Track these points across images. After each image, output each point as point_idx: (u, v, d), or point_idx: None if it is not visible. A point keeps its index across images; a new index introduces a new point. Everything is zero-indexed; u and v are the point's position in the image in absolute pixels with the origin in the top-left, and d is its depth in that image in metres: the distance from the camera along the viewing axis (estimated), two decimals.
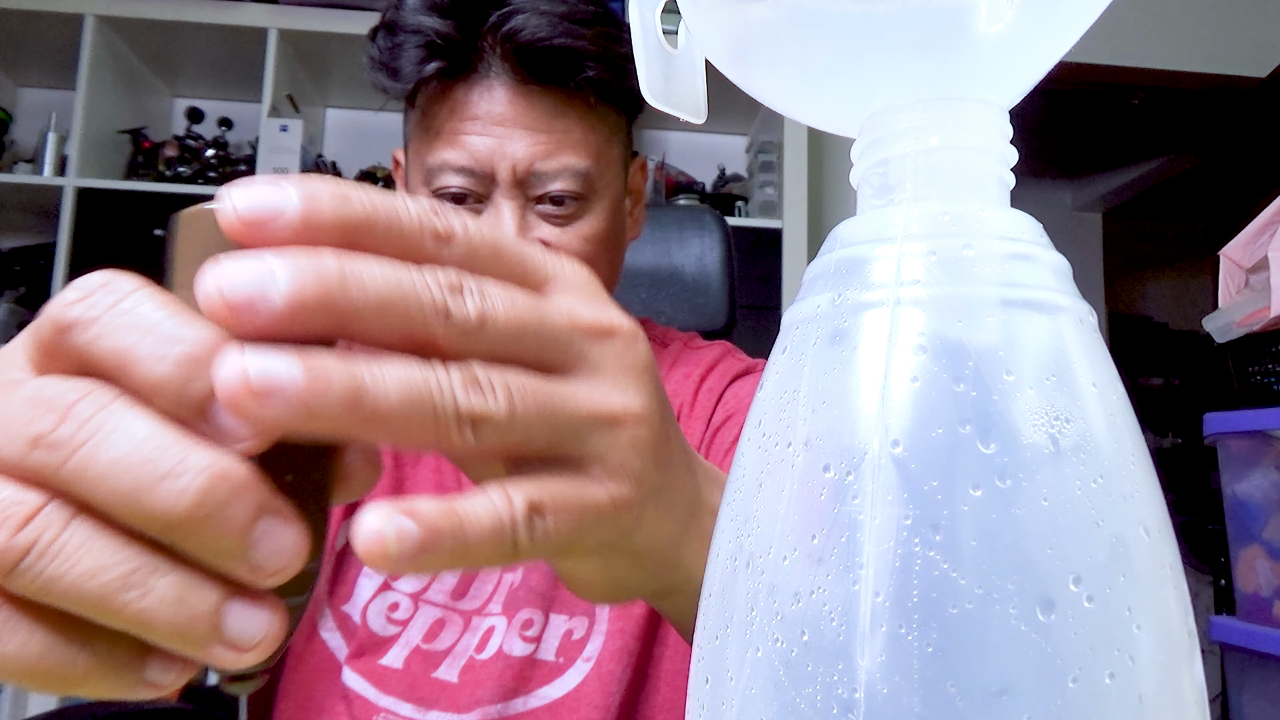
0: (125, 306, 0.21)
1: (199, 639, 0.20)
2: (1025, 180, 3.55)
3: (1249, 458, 1.14)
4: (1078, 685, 0.18)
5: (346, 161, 2.37)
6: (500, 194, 0.66)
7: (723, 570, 0.22)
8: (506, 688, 0.66)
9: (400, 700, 0.66)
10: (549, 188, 0.66)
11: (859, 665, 0.19)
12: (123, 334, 0.21)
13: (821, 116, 0.27)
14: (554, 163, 0.66)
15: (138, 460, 0.20)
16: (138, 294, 0.21)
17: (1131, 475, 0.20)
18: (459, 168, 0.65)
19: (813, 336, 0.22)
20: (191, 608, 0.20)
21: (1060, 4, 0.23)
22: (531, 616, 0.68)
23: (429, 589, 0.69)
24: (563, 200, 0.67)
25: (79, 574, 0.20)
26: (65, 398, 0.20)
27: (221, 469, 0.20)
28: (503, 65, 0.66)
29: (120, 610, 0.20)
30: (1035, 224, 0.23)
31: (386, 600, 0.68)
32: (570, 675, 0.67)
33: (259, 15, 2.13)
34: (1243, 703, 1.16)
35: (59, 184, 2.06)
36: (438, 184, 0.67)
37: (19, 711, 1.91)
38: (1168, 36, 2.61)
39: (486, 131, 0.65)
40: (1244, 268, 1.13)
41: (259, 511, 0.20)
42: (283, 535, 0.21)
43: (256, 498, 0.20)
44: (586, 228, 0.69)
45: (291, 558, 0.21)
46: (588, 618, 0.69)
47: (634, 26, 0.30)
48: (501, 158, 0.65)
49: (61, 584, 0.20)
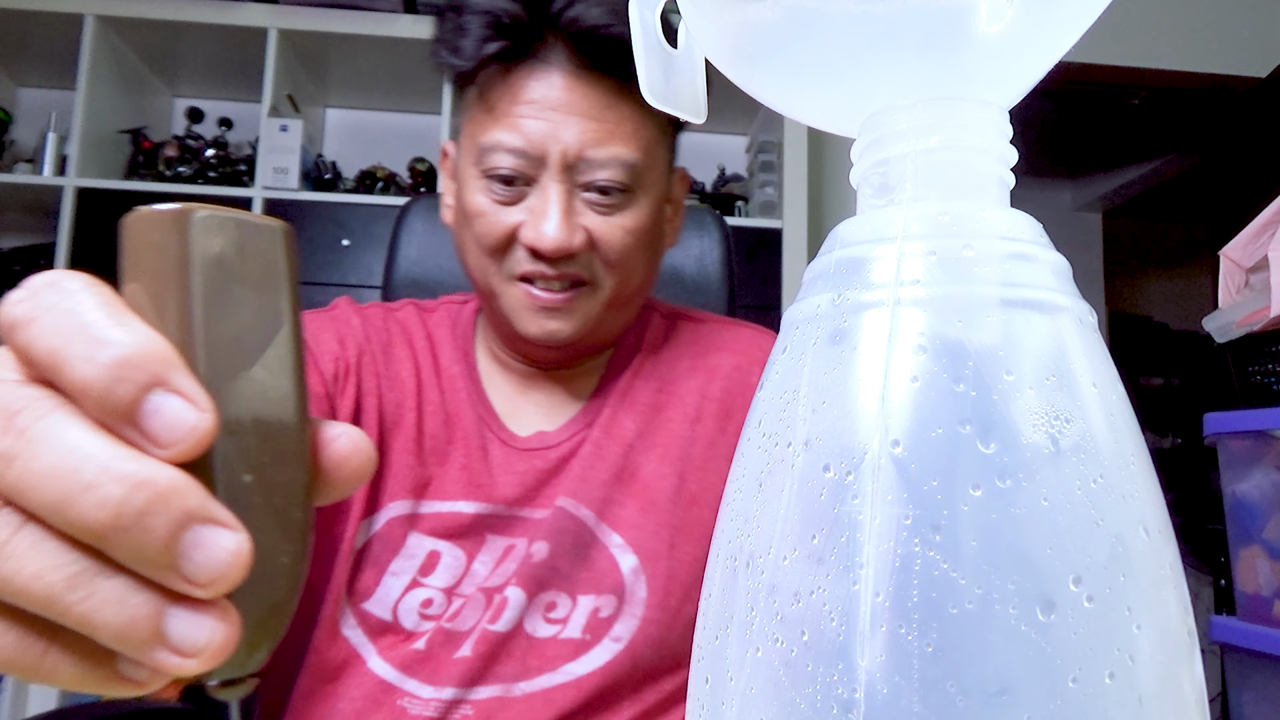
0: (66, 307, 0.21)
1: (141, 642, 0.20)
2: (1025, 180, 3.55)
3: (1249, 458, 1.14)
4: (1078, 685, 0.18)
5: (346, 161, 2.37)
6: (548, 177, 0.66)
7: (723, 570, 0.22)
8: (530, 666, 0.67)
9: (422, 684, 0.66)
10: (597, 176, 0.67)
11: (859, 665, 0.19)
12: (55, 334, 0.21)
13: (821, 116, 0.27)
14: (604, 151, 0.66)
15: (64, 470, 0.20)
16: (80, 294, 0.21)
17: (1131, 475, 0.20)
18: (511, 148, 0.66)
19: (813, 336, 0.22)
20: (132, 610, 0.20)
21: (1060, 4, 0.23)
22: (555, 599, 0.69)
23: (461, 583, 0.69)
24: (609, 190, 0.67)
25: (28, 575, 0.20)
26: (10, 408, 0.20)
27: (141, 477, 0.20)
28: (563, 51, 0.67)
29: (66, 610, 0.20)
30: (1035, 224, 0.23)
31: (419, 596, 0.68)
32: (597, 653, 0.68)
33: (259, 15, 2.13)
34: (1243, 703, 1.16)
35: (59, 184, 2.05)
36: (488, 163, 0.67)
37: (19, 711, 1.91)
38: (1168, 36, 2.61)
39: (541, 115, 0.66)
40: (1244, 268, 1.13)
41: (184, 520, 0.20)
42: (215, 544, 0.20)
43: (182, 505, 0.20)
44: (629, 220, 0.69)
45: (227, 567, 0.20)
46: (616, 597, 0.69)
47: (634, 26, 0.30)
48: (554, 141, 0.66)
49: (14, 584, 0.20)
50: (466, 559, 0.69)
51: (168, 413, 0.20)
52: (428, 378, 0.75)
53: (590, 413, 0.75)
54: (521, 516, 0.71)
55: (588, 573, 0.69)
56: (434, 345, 0.77)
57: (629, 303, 0.74)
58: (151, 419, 0.20)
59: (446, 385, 0.75)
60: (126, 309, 0.22)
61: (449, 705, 0.65)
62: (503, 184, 0.67)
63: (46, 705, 1.90)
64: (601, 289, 0.70)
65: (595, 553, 0.70)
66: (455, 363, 0.76)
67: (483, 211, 0.68)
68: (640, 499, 0.71)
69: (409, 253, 1.07)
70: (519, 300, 0.69)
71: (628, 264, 0.70)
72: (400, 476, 0.70)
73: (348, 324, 0.75)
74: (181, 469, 0.21)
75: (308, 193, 2.13)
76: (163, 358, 0.21)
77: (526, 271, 0.67)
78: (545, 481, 0.72)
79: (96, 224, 2.03)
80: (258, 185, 2.08)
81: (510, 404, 0.76)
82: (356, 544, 0.69)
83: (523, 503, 0.71)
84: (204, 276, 0.22)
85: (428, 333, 0.78)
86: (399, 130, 2.50)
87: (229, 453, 0.22)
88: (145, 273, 0.23)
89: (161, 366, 0.21)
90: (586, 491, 0.71)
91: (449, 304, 0.82)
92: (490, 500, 0.70)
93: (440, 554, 0.69)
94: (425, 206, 1.10)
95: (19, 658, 0.21)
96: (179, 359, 0.21)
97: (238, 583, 0.21)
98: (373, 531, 0.69)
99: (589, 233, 0.67)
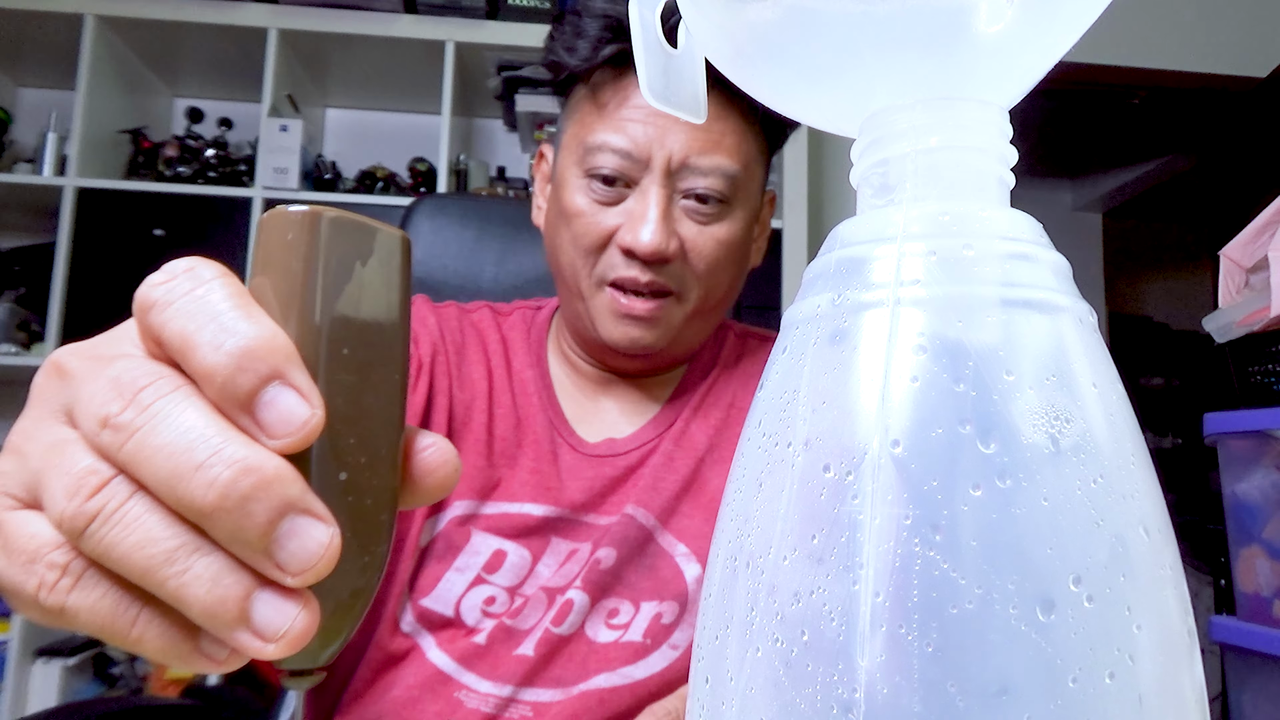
0: (199, 294, 0.22)
1: (227, 622, 0.21)
2: (1025, 180, 3.56)
3: (1249, 458, 1.14)
4: (1078, 685, 0.18)
5: (346, 161, 2.37)
6: (650, 181, 0.67)
7: (723, 570, 0.22)
8: (589, 668, 0.67)
9: (481, 678, 0.66)
10: (698, 184, 0.67)
11: (859, 665, 0.18)
12: (188, 319, 0.22)
13: (821, 116, 0.27)
14: (708, 160, 0.67)
15: (180, 449, 0.21)
16: (213, 282, 0.23)
17: (1131, 475, 0.20)
18: (617, 149, 0.67)
19: (813, 336, 0.22)
20: (223, 590, 0.21)
21: (1060, 4, 0.23)
22: (618, 606, 0.69)
23: (525, 582, 0.69)
24: (708, 200, 0.68)
25: (131, 544, 0.21)
26: (136, 383, 0.22)
27: (250, 464, 0.21)
28: None
29: (162, 583, 0.21)
30: (1035, 224, 0.23)
31: (482, 593, 0.69)
32: (655, 658, 0.68)
33: (259, 15, 2.13)
34: (1243, 703, 1.16)
35: (59, 184, 2.05)
36: (592, 163, 0.68)
37: (19, 710, 1.91)
38: (1168, 36, 2.61)
39: (650, 120, 0.67)
40: (1244, 268, 1.13)
41: (284, 508, 0.21)
42: (309, 535, 0.21)
43: (284, 494, 0.21)
44: (723, 232, 0.69)
45: (316, 558, 0.21)
46: (678, 604, 0.69)
47: (634, 26, 0.30)
48: (660, 147, 0.66)
49: (117, 550, 0.21)
50: (532, 559, 0.70)
51: (282, 405, 0.22)
52: (500, 380, 0.75)
53: (661, 423, 0.76)
54: (587, 522, 0.71)
55: (651, 580, 0.70)
56: (507, 348, 0.78)
57: (710, 316, 0.74)
58: (267, 410, 0.22)
59: (518, 389, 0.76)
60: (253, 302, 0.23)
61: (506, 702, 0.66)
62: (604, 184, 0.68)
63: (47, 704, 1.90)
64: (687, 300, 0.70)
65: (660, 561, 0.70)
66: (528, 366, 0.77)
67: (581, 211, 0.68)
68: (707, 511, 0.72)
69: (414, 253, 1.07)
70: (606, 305, 0.69)
71: (716, 276, 0.70)
72: (468, 477, 0.71)
73: (423, 321, 0.76)
74: (285, 460, 0.22)
75: (308, 193, 2.13)
76: (284, 352, 0.22)
77: (619, 278, 0.68)
78: (613, 488, 0.72)
79: (96, 224, 2.03)
80: (258, 185, 2.08)
81: (580, 410, 0.76)
82: (421, 541, 0.69)
83: (589, 508, 0.71)
84: (326, 276, 0.23)
85: (502, 335, 0.79)
86: (399, 130, 2.50)
87: (329, 450, 0.23)
88: (274, 268, 0.23)
89: (281, 360, 0.22)
90: (655, 500, 0.72)
91: (523, 308, 0.83)
92: (558, 504, 0.71)
93: (506, 553, 0.69)
94: (431, 207, 1.10)
95: (112, 623, 0.22)
96: (298, 354, 0.22)
97: (325, 574, 0.22)
98: (438, 529, 0.69)
99: (683, 241, 0.68)
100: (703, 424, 0.76)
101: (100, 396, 0.22)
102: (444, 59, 2.15)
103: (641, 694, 0.67)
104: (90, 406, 0.22)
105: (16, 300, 2.15)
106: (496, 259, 1.07)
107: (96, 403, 0.22)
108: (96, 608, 0.22)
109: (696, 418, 0.76)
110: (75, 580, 0.22)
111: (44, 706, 1.68)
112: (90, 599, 0.22)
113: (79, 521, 0.21)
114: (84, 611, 0.22)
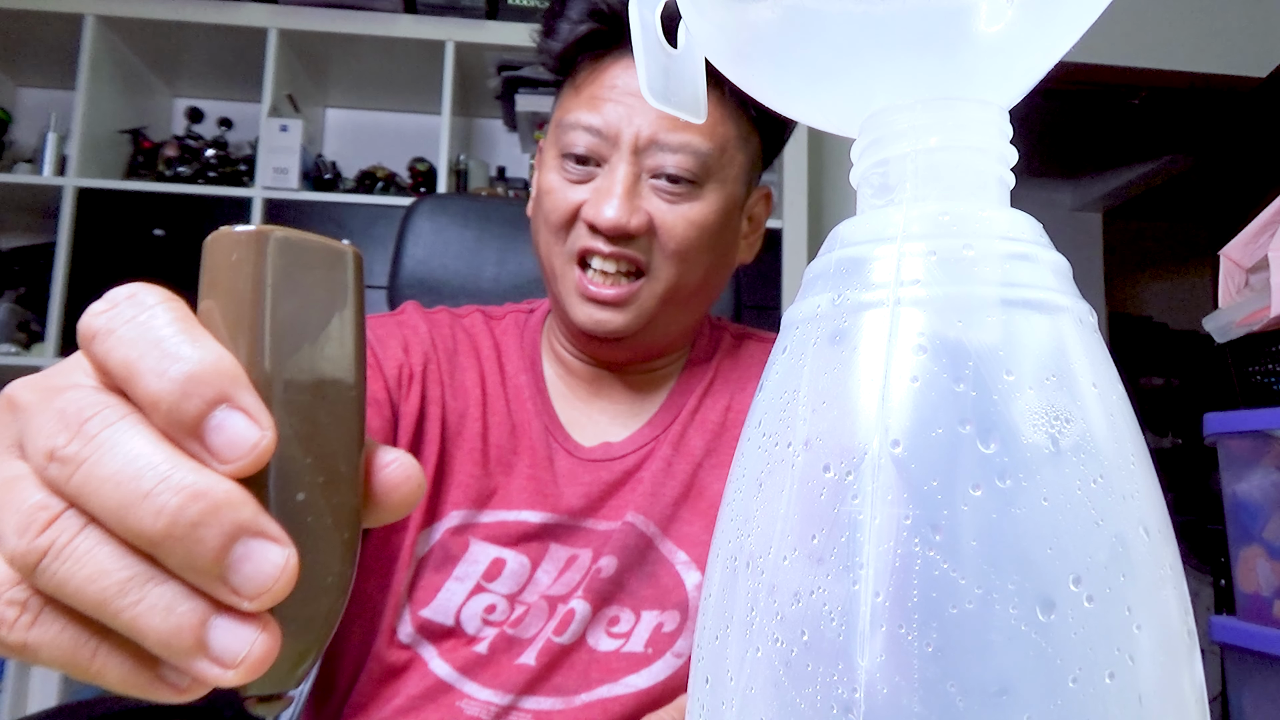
0: (142, 320, 0.22)
1: (184, 650, 0.21)
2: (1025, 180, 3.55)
3: (1249, 458, 1.14)
4: (1078, 685, 0.18)
5: (346, 161, 2.37)
6: (619, 158, 0.67)
7: (723, 570, 0.22)
8: (591, 677, 0.67)
9: (481, 686, 0.66)
10: (666, 160, 0.67)
11: (859, 665, 0.18)
12: (130, 347, 0.22)
13: (821, 116, 0.27)
14: (677, 137, 0.67)
15: (127, 478, 0.20)
16: (156, 308, 0.22)
17: (1131, 475, 0.20)
18: (589, 127, 0.68)
19: (813, 336, 0.22)
20: (178, 619, 0.21)
21: (1060, 4, 0.23)
22: (619, 614, 0.69)
23: (525, 589, 0.69)
24: (678, 180, 0.68)
25: (84, 578, 0.21)
26: (81, 414, 0.21)
27: (199, 489, 0.20)
28: None
29: (116, 615, 0.21)
30: (1035, 224, 0.23)
31: (482, 602, 0.68)
32: (658, 667, 0.68)
33: (259, 15, 2.13)
34: (1243, 703, 1.16)
35: (59, 184, 2.05)
36: (566, 140, 0.69)
37: (18, 710, 1.91)
38: (1168, 36, 2.61)
39: (622, 100, 0.68)
40: (1244, 268, 1.13)
41: (236, 532, 0.21)
42: (264, 557, 0.21)
43: (235, 518, 0.21)
44: (694, 212, 0.69)
45: (273, 580, 0.21)
46: (680, 612, 0.69)
47: (634, 26, 0.30)
48: (628, 124, 0.67)
49: (70, 585, 0.21)
50: (531, 566, 0.69)
51: (230, 429, 0.21)
52: (493, 387, 0.75)
53: (657, 426, 0.75)
54: (585, 527, 0.71)
55: (652, 589, 0.70)
56: (500, 354, 0.78)
57: (689, 304, 0.73)
58: (215, 434, 0.21)
59: (512, 394, 0.75)
60: (199, 325, 0.23)
61: (506, 710, 0.66)
62: (576, 163, 0.68)
63: (47, 703, 1.90)
64: (657, 280, 0.69)
65: (660, 569, 0.70)
66: (521, 371, 0.77)
67: (552, 189, 0.69)
68: (706, 517, 0.72)
69: (415, 253, 1.07)
70: (573, 286, 0.69)
71: (688, 257, 0.69)
72: (464, 486, 0.70)
73: (415, 330, 0.75)
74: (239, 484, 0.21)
75: (308, 193, 2.13)
76: (230, 375, 0.22)
77: (585, 247, 0.68)
78: (610, 493, 0.72)
79: (96, 224, 2.03)
80: (258, 185, 2.08)
81: (575, 413, 0.76)
82: (418, 552, 0.69)
83: (587, 513, 0.71)
84: (275, 295, 0.23)
85: (494, 341, 0.78)
86: (399, 130, 2.50)
87: (285, 471, 0.23)
88: (220, 290, 0.23)
89: (228, 383, 0.21)
90: (655, 508, 0.71)
91: (515, 312, 0.82)
92: (555, 510, 0.71)
93: (505, 560, 0.69)
94: (430, 206, 1.10)
95: (71, 656, 0.22)
96: (245, 377, 0.22)
97: (283, 596, 0.21)
98: (434, 540, 0.69)
99: (651, 218, 0.68)
100: (700, 430, 0.75)
101: (47, 429, 0.22)
102: (444, 59, 2.15)
103: (645, 703, 0.66)
104: (38, 440, 0.22)
105: (16, 300, 2.15)
106: (496, 259, 1.07)
107: (43, 435, 0.22)
108: (56, 643, 0.22)
109: (693, 421, 0.76)
110: (35, 617, 0.22)
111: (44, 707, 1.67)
112: (49, 634, 0.22)
113: (31, 558, 0.21)
114: (45, 647, 0.22)
